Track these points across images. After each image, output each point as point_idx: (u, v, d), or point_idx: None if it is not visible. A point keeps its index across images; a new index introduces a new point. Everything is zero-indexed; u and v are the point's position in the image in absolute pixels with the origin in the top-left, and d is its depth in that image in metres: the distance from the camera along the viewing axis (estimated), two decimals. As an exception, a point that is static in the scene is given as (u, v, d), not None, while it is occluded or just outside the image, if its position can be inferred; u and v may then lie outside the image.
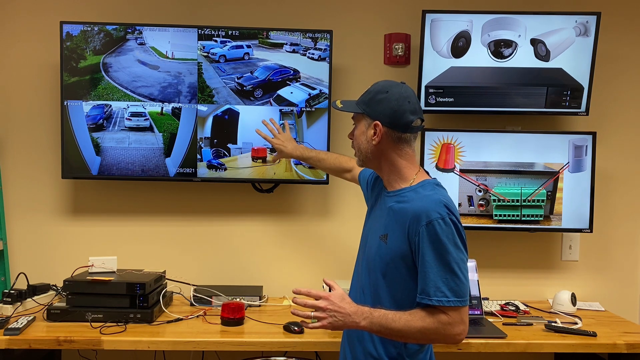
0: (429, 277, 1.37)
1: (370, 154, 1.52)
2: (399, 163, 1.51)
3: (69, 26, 2.36)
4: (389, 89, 1.48)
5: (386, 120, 1.47)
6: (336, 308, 1.38)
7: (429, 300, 1.36)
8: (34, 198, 2.52)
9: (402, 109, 1.46)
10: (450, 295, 1.35)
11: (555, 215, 2.44)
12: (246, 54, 2.41)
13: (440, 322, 1.36)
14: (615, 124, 2.61)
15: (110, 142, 2.39)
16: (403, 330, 1.37)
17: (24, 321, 1.94)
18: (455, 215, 1.41)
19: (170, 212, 2.55)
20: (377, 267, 1.49)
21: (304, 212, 2.59)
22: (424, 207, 1.40)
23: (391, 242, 1.46)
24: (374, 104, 1.49)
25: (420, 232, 1.38)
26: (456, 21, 2.40)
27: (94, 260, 2.20)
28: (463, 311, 1.37)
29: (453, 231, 1.38)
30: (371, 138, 1.50)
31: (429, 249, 1.37)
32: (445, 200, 1.42)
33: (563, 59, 2.40)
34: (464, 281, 1.37)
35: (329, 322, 1.38)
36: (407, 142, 1.50)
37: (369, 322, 1.38)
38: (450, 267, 1.36)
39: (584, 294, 2.58)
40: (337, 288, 1.44)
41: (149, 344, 1.88)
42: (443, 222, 1.37)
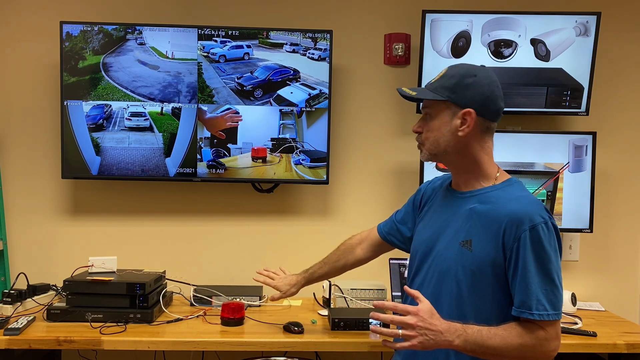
0: (531, 288, 1.24)
1: (452, 147, 1.35)
2: (481, 158, 1.36)
3: (69, 26, 2.36)
4: (476, 72, 1.33)
5: (478, 107, 1.31)
6: (427, 325, 1.22)
7: (530, 315, 1.24)
8: (34, 198, 2.52)
9: (494, 95, 1.32)
10: (550, 308, 1.25)
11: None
12: (246, 54, 2.41)
13: (538, 338, 1.25)
14: (615, 124, 2.61)
15: (110, 142, 2.39)
16: (499, 347, 1.24)
17: (24, 321, 1.94)
18: (554, 220, 1.30)
19: (170, 212, 2.55)
20: (460, 277, 1.33)
21: (304, 212, 2.59)
22: (525, 210, 1.27)
23: (478, 248, 1.31)
24: (462, 90, 1.32)
25: (522, 238, 1.25)
26: (456, 21, 2.39)
27: (94, 260, 2.20)
28: (559, 325, 1.28)
29: (554, 238, 1.27)
30: (457, 129, 1.33)
31: (532, 257, 1.25)
32: (542, 203, 1.31)
33: (563, 59, 2.40)
34: (561, 292, 1.28)
35: (419, 342, 1.22)
36: (492, 133, 1.36)
37: (463, 341, 1.23)
38: (551, 278, 1.26)
39: (584, 294, 2.58)
40: (425, 301, 1.26)
41: (149, 344, 1.88)
42: (546, 228, 1.25)
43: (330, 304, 2.28)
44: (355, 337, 1.92)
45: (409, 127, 2.58)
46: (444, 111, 1.35)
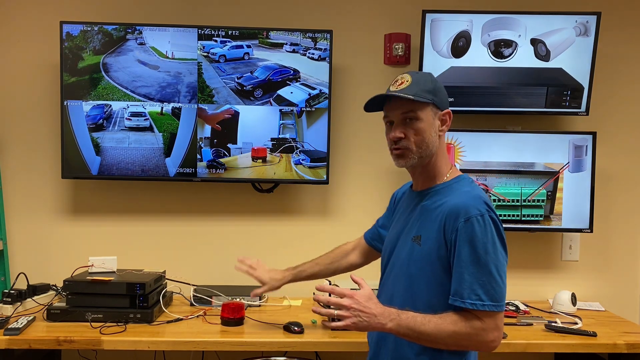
0: (464, 278, 1.28)
1: (434, 148, 1.41)
2: (441, 156, 1.43)
3: (69, 26, 2.36)
4: (430, 75, 1.44)
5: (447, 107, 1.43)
6: (361, 307, 1.30)
7: (462, 303, 1.28)
8: (34, 198, 2.52)
9: (446, 94, 1.43)
10: (485, 298, 1.27)
11: (555, 215, 2.44)
12: (246, 54, 2.41)
13: (473, 327, 1.28)
14: (615, 124, 2.61)
15: (110, 142, 2.39)
16: (432, 334, 1.29)
17: (24, 321, 1.94)
18: (495, 213, 1.33)
19: (170, 212, 2.55)
20: (411, 271, 1.39)
21: (304, 212, 2.59)
22: (463, 203, 1.31)
23: (426, 243, 1.36)
24: (438, 92, 1.40)
25: (458, 229, 1.29)
26: (456, 21, 2.39)
27: (94, 260, 2.20)
28: (499, 317, 1.29)
29: (493, 230, 1.30)
30: (440, 129, 1.41)
31: (466, 248, 1.28)
32: (485, 197, 1.34)
33: (563, 59, 2.40)
34: (501, 284, 1.29)
35: (352, 322, 1.30)
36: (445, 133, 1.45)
37: (395, 324, 1.30)
38: (488, 269, 1.27)
39: (584, 294, 2.58)
40: (365, 286, 1.35)
41: (149, 344, 1.88)
42: (483, 220, 1.29)
43: (330, 304, 2.28)
44: (356, 337, 1.92)
45: (409, 127, 2.58)
46: (428, 115, 1.40)
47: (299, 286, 2.52)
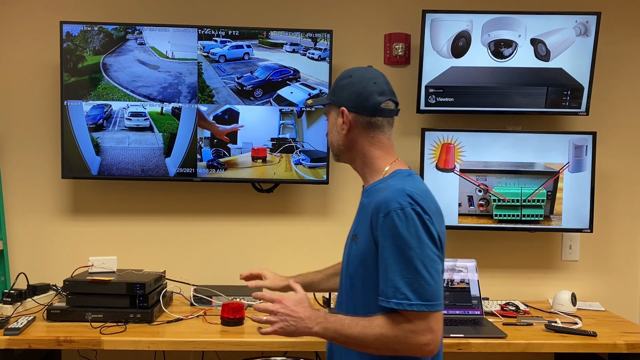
0: (388, 275, 1.20)
1: (343, 145, 1.40)
2: (371, 153, 1.38)
3: (69, 26, 2.36)
4: (353, 72, 1.38)
5: (352, 105, 1.35)
6: (289, 312, 1.28)
7: (387, 303, 1.20)
8: (34, 198, 2.52)
9: (367, 91, 1.34)
10: (413, 297, 1.17)
11: (555, 215, 2.44)
12: (246, 54, 2.41)
13: (402, 330, 1.19)
14: (615, 124, 2.61)
15: (110, 142, 2.39)
16: (359, 337, 1.22)
17: (24, 321, 1.94)
18: (421, 205, 1.23)
19: (170, 212, 2.55)
20: (351, 271, 1.35)
21: (304, 212, 2.59)
22: (385, 198, 1.24)
23: (360, 241, 1.32)
24: (338, 90, 1.38)
25: (380, 225, 1.23)
26: (456, 21, 2.39)
27: (94, 260, 2.20)
28: (432, 318, 1.19)
29: (416, 223, 1.20)
30: (341, 127, 1.37)
31: (388, 244, 1.21)
32: (411, 190, 1.24)
33: (563, 59, 2.40)
34: (432, 282, 1.19)
35: (280, 327, 1.28)
36: (378, 127, 1.36)
37: (322, 328, 1.26)
38: (413, 265, 1.18)
39: (584, 294, 2.58)
40: (299, 291, 1.34)
41: (149, 344, 1.88)
42: (403, 214, 1.20)
43: (330, 304, 2.28)
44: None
45: (409, 127, 2.60)
46: (331, 113, 1.41)
47: (299, 286, 2.53)
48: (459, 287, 2.25)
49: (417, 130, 2.53)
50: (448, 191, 2.45)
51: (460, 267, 2.28)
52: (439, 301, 1.20)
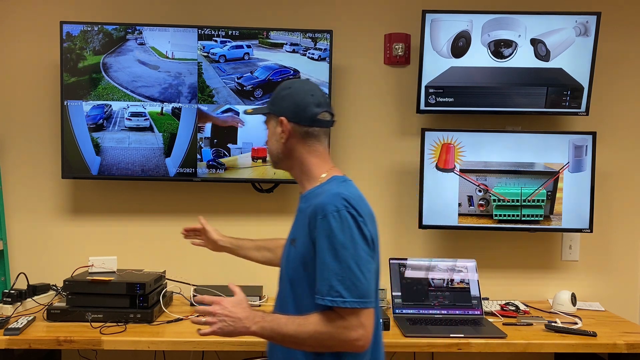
0: (324, 275, 1.26)
1: (281, 153, 1.45)
2: (308, 161, 1.44)
3: (69, 26, 2.36)
4: (292, 84, 1.45)
5: (290, 115, 1.41)
6: (227, 312, 1.31)
7: (322, 300, 1.25)
8: (34, 198, 2.52)
9: (305, 102, 1.40)
10: (347, 295, 1.24)
11: (555, 215, 2.45)
12: (246, 54, 2.41)
13: (335, 326, 1.25)
14: (615, 124, 2.61)
15: (110, 142, 2.39)
16: (294, 335, 1.27)
17: (24, 321, 1.94)
18: (356, 209, 1.29)
19: (170, 212, 2.55)
20: (287, 274, 1.40)
21: (304, 212, 2.58)
22: (322, 202, 1.30)
23: (299, 244, 1.37)
24: (278, 101, 1.44)
25: (318, 227, 1.29)
26: (456, 21, 2.39)
27: (94, 260, 2.20)
28: (363, 314, 1.26)
29: (351, 225, 1.27)
30: (280, 136, 1.43)
31: (324, 245, 1.27)
32: (347, 194, 1.31)
33: (563, 59, 2.40)
34: (363, 280, 1.26)
35: (218, 327, 1.31)
36: (315, 137, 1.42)
37: (259, 327, 1.30)
38: (347, 265, 1.25)
39: (584, 294, 2.58)
40: (239, 293, 1.38)
41: (149, 344, 1.88)
42: (339, 216, 1.27)
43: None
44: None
45: (409, 127, 2.60)
46: (271, 122, 1.47)
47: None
48: (459, 287, 2.25)
49: (417, 130, 2.53)
50: (448, 191, 2.45)
51: (460, 267, 2.28)
52: (370, 298, 1.28)
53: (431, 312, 2.19)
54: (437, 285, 2.25)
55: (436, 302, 2.22)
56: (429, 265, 2.28)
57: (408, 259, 2.29)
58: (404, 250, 2.58)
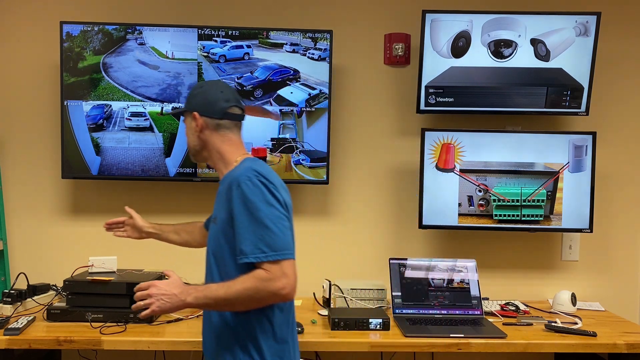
0: (244, 236, 1.38)
1: (198, 145, 1.59)
2: (222, 149, 1.57)
3: (69, 26, 2.36)
4: (203, 84, 1.62)
5: (202, 109, 1.56)
6: (162, 292, 1.42)
7: (247, 258, 1.37)
8: (34, 198, 2.52)
9: (214, 98, 1.56)
10: (267, 250, 1.37)
11: (555, 215, 2.45)
12: (246, 54, 2.41)
13: (259, 280, 1.36)
14: (615, 124, 2.61)
15: (110, 142, 2.40)
16: (226, 296, 1.38)
17: (24, 321, 1.94)
18: (266, 177, 1.44)
19: (170, 212, 2.54)
20: (210, 249, 1.53)
21: (304, 212, 2.59)
22: (236, 175, 1.45)
23: (219, 220, 1.49)
24: (191, 99, 1.60)
25: (233, 197, 1.42)
26: (456, 21, 2.40)
27: (94, 260, 2.20)
28: (285, 265, 1.37)
29: (263, 190, 1.41)
30: (195, 129, 1.58)
31: (241, 210, 1.40)
32: (257, 167, 1.46)
33: (563, 59, 2.40)
34: (280, 234, 1.38)
35: (157, 306, 1.42)
36: (227, 128, 1.58)
37: (194, 297, 1.41)
38: (263, 223, 1.38)
39: (584, 294, 2.58)
40: (173, 276, 1.49)
41: (149, 344, 1.88)
42: (251, 183, 1.41)
43: (330, 304, 2.28)
44: (355, 337, 1.92)
45: (409, 127, 2.60)
46: (187, 118, 1.62)
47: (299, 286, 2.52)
48: (459, 287, 2.25)
49: (417, 130, 2.53)
50: (448, 191, 2.45)
51: (460, 267, 2.28)
52: (289, 250, 1.40)
53: (431, 312, 2.19)
54: (437, 285, 2.25)
55: (436, 302, 2.22)
56: (429, 265, 2.28)
57: (408, 259, 2.29)
58: (404, 250, 2.58)
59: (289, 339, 1.51)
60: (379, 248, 2.59)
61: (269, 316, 1.46)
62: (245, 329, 1.46)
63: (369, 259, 2.59)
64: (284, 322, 1.50)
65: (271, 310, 1.46)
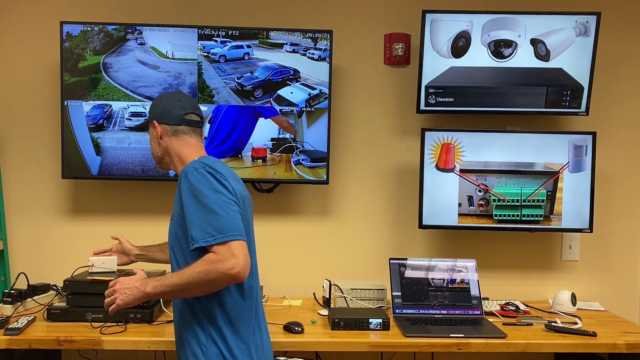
0: (194, 223, 1.43)
1: (160, 152, 1.67)
2: (182, 152, 1.64)
3: (69, 26, 2.36)
4: (163, 96, 1.70)
5: (160, 118, 1.65)
6: (125, 286, 1.52)
7: (197, 244, 1.41)
8: (34, 198, 2.52)
9: (171, 106, 1.65)
10: (216, 233, 1.40)
11: (555, 215, 2.45)
12: (246, 54, 2.41)
13: (209, 262, 1.39)
14: (615, 124, 2.61)
15: (110, 142, 2.40)
16: (179, 282, 1.42)
17: (24, 321, 1.94)
18: (214, 168, 1.49)
19: (170, 212, 2.54)
20: (172, 242, 1.58)
21: (304, 212, 2.59)
22: (184, 168, 1.52)
23: (175, 214, 1.57)
24: (152, 109, 1.69)
25: (182, 189, 1.48)
26: (456, 21, 2.40)
27: (94, 260, 2.19)
28: (233, 245, 1.40)
29: (209, 178, 1.46)
30: (155, 137, 1.67)
31: (189, 199, 1.45)
32: (205, 160, 1.52)
33: (563, 59, 2.40)
34: (227, 217, 1.42)
35: (121, 300, 1.51)
36: (186, 133, 1.65)
37: (151, 287, 1.47)
38: (210, 208, 1.42)
39: (584, 294, 2.58)
40: (138, 272, 1.57)
41: (149, 344, 1.88)
42: (197, 173, 1.47)
43: (330, 304, 2.29)
44: (355, 337, 1.92)
45: (409, 127, 2.60)
46: (150, 128, 1.71)
47: (299, 286, 2.53)
48: (459, 287, 2.25)
49: (417, 130, 2.53)
50: (448, 191, 2.45)
51: (460, 267, 2.28)
52: (237, 232, 1.43)
53: (431, 312, 2.19)
54: (437, 285, 2.25)
55: (436, 302, 2.22)
56: (429, 265, 2.28)
57: (408, 259, 2.29)
58: (404, 250, 2.58)
59: (252, 324, 1.56)
60: (379, 248, 2.59)
61: (223, 296, 1.51)
62: (202, 308, 1.51)
63: (369, 259, 2.59)
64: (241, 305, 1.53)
65: (226, 291, 1.50)
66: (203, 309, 1.51)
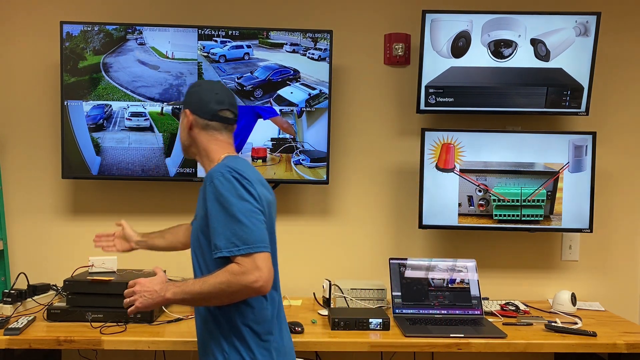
0: (218, 230, 1.40)
1: (187, 141, 1.62)
2: (209, 147, 1.59)
3: (69, 26, 2.36)
4: (201, 84, 1.63)
5: (193, 108, 1.58)
6: (145, 289, 1.46)
7: (221, 253, 1.38)
8: (34, 198, 2.52)
9: (207, 98, 1.57)
10: (240, 243, 1.37)
11: (555, 215, 2.45)
12: (246, 54, 2.41)
13: (232, 273, 1.36)
14: (615, 124, 2.61)
15: (110, 142, 2.40)
16: (200, 291, 1.39)
17: (24, 321, 1.94)
18: (240, 173, 1.44)
19: (170, 212, 2.55)
20: (192, 248, 1.54)
21: (303, 212, 2.59)
22: (210, 171, 1.47)
23: (198, 216, 1.53)
24: (187, 96, 1.62)
25: (207, 193, 1.44)
26: (456, 21, 2.40)
27: (94, 260, 2.20)
28: (258, 258, 1.37)
29: (235, 185, 1.42)
30: (185, 126, 1.60)
31: (214, 205, 1.41)
32: (232, 164, 1.46)
33: (563, 59, 2.40)
34: (252, 228, 1.39)
35: (140, 303, 1.46)
36: (216, 129, 1.59)
37: (172, 293, 1.44)
38: (236, 218, 1.38)
39: (584, 294, 2.58)
40: (159, 273, 1.52)
41: (149, 344, 1.88)
42: (223, 178, 1.42)
43: (330, 304, 2.29)
44: (355, 337, 1.92)
45: (409, 127, 2.60)
46: (182, 114, 1.64)
47: (299, 286, 2.53)
48: (459, 287, 2.25)
49: (417, 130, 2.53)
50: (448, 191, 2.45)
51: (460, 267, 2.28)
52: (262, 243, 1.39)
53: (431, 312, 2.19)
54: (437, 285, 2.25)
55: (436, 302, 2.22)
56: (429, 265, 2.28)
57: (408, 259, 2.29)
58: (404, 250, 2.58)
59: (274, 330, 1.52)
60: (379, 248, 2.59)
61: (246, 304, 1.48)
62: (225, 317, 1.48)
63: (369, 259, 2.59)
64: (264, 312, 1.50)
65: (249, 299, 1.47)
66: (226, 317, 1.48)
